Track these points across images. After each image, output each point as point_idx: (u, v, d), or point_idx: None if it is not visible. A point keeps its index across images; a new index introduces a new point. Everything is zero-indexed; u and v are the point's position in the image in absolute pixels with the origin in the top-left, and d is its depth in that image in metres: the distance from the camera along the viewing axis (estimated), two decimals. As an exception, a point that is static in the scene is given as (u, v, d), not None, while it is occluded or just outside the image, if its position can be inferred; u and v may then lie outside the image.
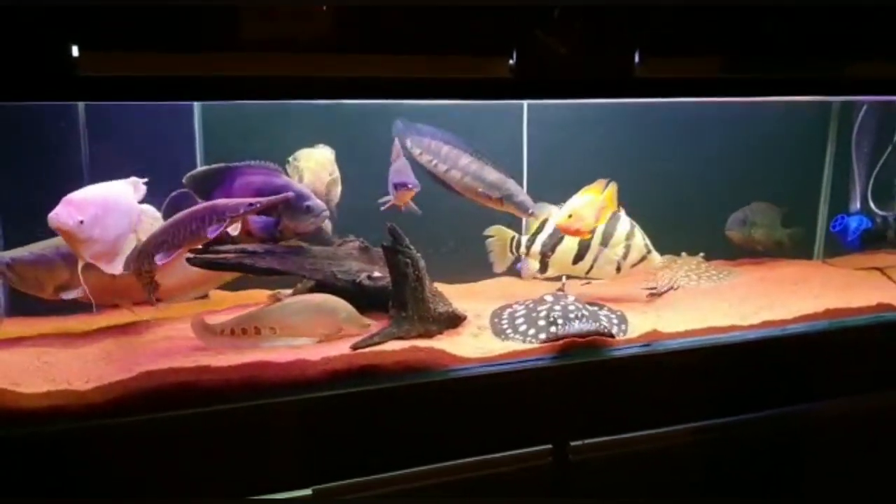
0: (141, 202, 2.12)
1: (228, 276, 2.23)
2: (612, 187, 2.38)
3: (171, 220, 2.01)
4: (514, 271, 2.69)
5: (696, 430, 2.24)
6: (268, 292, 2.34)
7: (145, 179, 2.10)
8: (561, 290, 2.53)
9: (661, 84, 2.08)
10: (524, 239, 2.58)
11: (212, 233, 2.00)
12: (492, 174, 2.44)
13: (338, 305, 2.03)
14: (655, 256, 2.57)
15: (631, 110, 2.70)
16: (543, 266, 2.59)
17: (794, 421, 2.38)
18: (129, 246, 2.06)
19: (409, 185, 2.33)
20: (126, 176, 2.08)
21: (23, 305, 2.13)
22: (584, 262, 2.55)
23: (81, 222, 1.92)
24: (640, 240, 2.55)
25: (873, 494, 2.55)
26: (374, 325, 2.06)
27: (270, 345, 2.01)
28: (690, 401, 2.23)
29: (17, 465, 1.68)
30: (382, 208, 2.35)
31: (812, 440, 2.42)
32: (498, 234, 2.59)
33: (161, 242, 1.98)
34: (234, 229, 2.01)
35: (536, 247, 2.58)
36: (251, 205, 2.04)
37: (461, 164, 2.40)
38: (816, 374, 2.37)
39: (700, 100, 2.20)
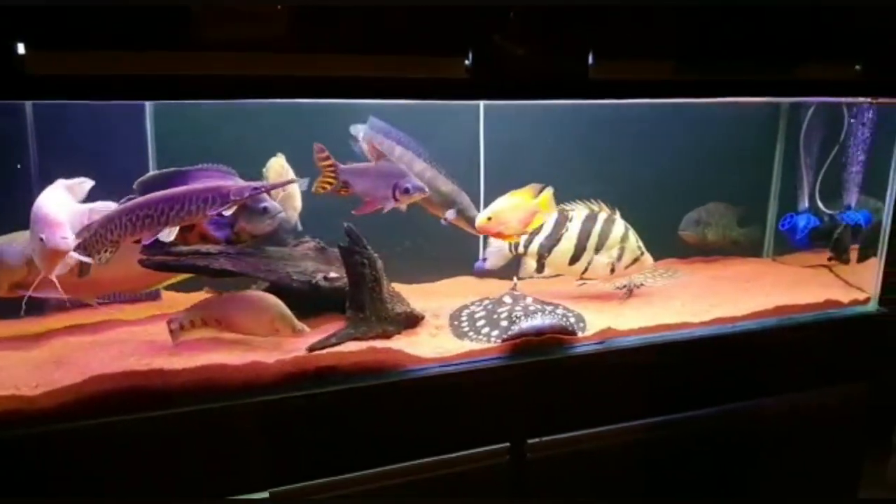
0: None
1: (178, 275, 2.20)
2: (548, 192, 2.38)
3: (161, 194, 1.95)
4: (470, 271, 2.70)
5: (652, 426, 2.28)
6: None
7: (81, 180, 2.05)
8: (514, 289, 2.55)
9: (615, 85, 2.10)
10: (522, 239, 2.59)
11: (214, 214, 1.97)
12: (446, 185, 2.42)
13: (269, 304, 1.99)
14: (648, 258, 2.62)
15: (587, 111, 2.72)
16: (540, 266, 2.62)
17: (746, 417, 2.44)
18: None
19: (424, 190, 2.30)
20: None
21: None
22: (579, 263, 2.59)
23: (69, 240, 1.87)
24: (634, 242, 2.59)
25: (820, 489, 2.62)
26: (311, 331, 2.03)
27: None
28: (645, 397, 2.27)
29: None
30: (354, 212, 2.28)
31: (762, 436, 2.48)
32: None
33: (147, 217, 1.93)
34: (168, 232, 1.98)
35: (534, 247, 2.60)
36: (256, 188, 2.00)
37: (415, 170, 2.38)
38: (767, 370, 2.43)
39: (653, 101, 2.23)
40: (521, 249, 2.61)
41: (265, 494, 1.88)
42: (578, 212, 2.61)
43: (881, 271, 2.55)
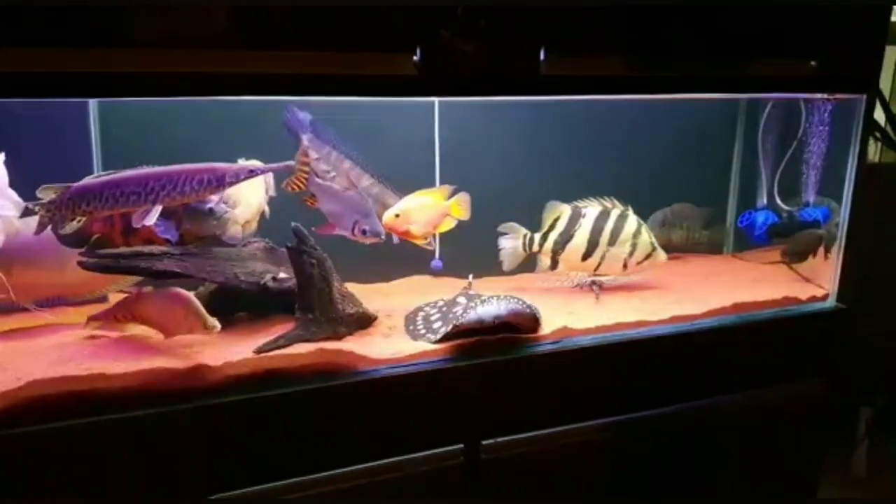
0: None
1: (128, 278, 2.15)
2: (461, 196, 2.40)
3: (154, 171, 1.92)
4: (426, 270, 2.67)
5: (608, 426, 2.26)
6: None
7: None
8: (468, 288, 2.52)
9: (567, 82, 2.08)
10: (537, 237, 2.60)
11: (210, 195, 1.99)
12: (392, 200, 2.41)
13: (183, 299, 1.96)
14: (660, 254, 2.63)
15: (542, 109, 2.70)
16: (554, 263, 2.63)
17: (706, 415, 2.42)
18: None
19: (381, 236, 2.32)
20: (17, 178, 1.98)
21: None
22: (592, 260, 2.60)
23: None
24: (647, 238, 2.61)
25: (781, 486, 2.62)
26: (220, 328, 1.99)
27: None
28: (602, 397, 2.25)
29: None
30: (315, 229, 2.25)
31: (722, 434, 2.47)
32: (511, 231, 2.61)
33: (133, 193, 1.90)
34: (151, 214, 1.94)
35: (548, 244, 2.61)
36: (251, 171, 2.00)
37: (362, 185, 2.37)
38: (726, 368, 2.42)
39: (607, 98, 2.21)
40: (535, 248, 2.62)
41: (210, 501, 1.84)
42: (591, 208, 2.62)
43: (839, 267, 2.55)
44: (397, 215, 2.30)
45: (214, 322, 1.95)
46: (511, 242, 2.61)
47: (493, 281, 2.70)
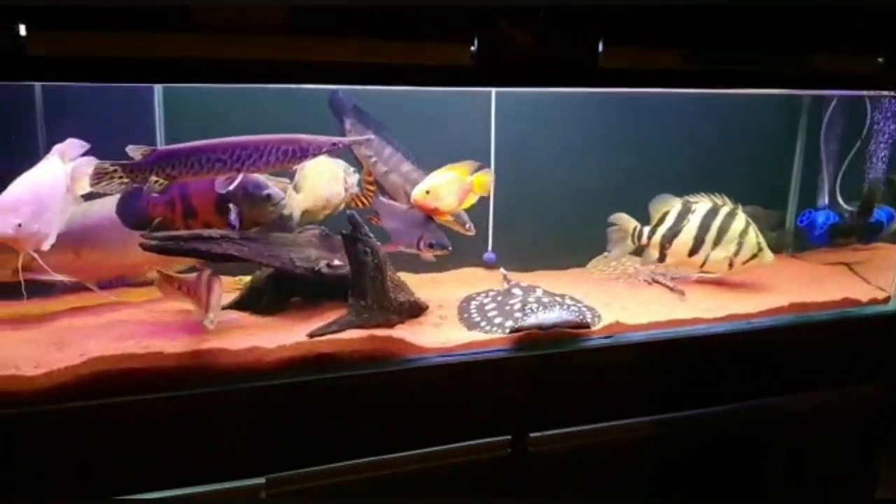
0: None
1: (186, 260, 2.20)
2: (486, 174, 2.38)
3: (239, 139, 1.98)
4: (479, 262, 2.68)
5: (659, 422, 2.24)
6: (230, 279, 2.31)
7: (78, 142, 2.05)
8: (506, 280, 2.53)
9: (626, 74, 2.07)
10: (646, 230, 2.61)
11: (292, 166, 2.06)
12: None
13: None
14: (767, 254, 2.59)
15: (597, 102, 2.69)
16: (662, 257, 2.63)
17: (757, 415, 2.38)
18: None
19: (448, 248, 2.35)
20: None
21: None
22: (698, 256, 2.59)
23: (20, 225, 1.88)
24: (754, 237, 2.58)
25: (834, 490, 2.56)
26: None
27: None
28: (653, 394, 2.23)
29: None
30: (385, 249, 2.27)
31: (774, 435, 2.42)
32: (621, 223, 2.63)
33: (218, 161, 1.96)
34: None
35: (657, 238, 2.61)
36: (334, 144, 2.05)
37: (403, 170, 2.40)
38: (780, 368, 2.37)
39: (665, 92, 2.19)
40: (643, 240, 2.62)
41: (262, 480, 1.87)
42: (701, 204, 2.61)
43: (902, 269, 2.49)
44: (427, 192, 2.29)
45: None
46: (620, 233, 2.63)
47: (550, 276, 2.70)
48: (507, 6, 1.87)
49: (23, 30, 1.56)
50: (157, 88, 2.29)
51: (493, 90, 2.53)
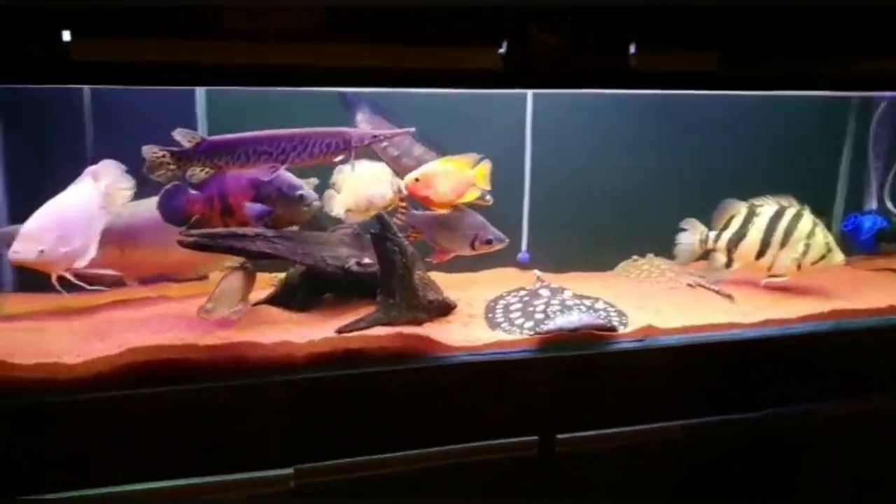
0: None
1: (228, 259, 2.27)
2: (484, 165, 2.35)
3: (285, 132, 2.07)
4: (514, 262, 2.69)
5: (689, 428, 2.22)
6: (266, 275, 2.38)
7: (113, 163, 2.14)
8: (541, 281, 2.52)
9: (659, 77, 2.06)
10: (712, 234, 2.63)
11: (335, 158, 2.11)
12: None
13: None
14: (837, 255, 2.57)
15: (642, 103, 2.67)
16: (729, 261, 2.64)
17: (791, 422, 2.33)
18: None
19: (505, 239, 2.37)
20: (127, 162, 2.13)
21: (31, 282, 2.18)
22: (765, 259, 2.59)
23: (42, 251, 1.97)
24: (822, 238, 2.56)
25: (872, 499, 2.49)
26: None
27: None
28: (684, 398, 2.21)
29: (4, 433, 1.76)
30: (427, 259, 2.36)
31: (807, 442, 2.37)
32: (692, 228, 2.64)
33: (264, 152, 2.04)
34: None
35: (722, 242, 2.63)
36: (375, 136, 2.13)
37: (415, 154, 2.42)
38: (818, 375, 2.32)
39: (700, 94, 2.17)
40: (709, 244, 2.63)
41: (290, 470, 1.93)
42: (767, 207, 2.60)
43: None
44: (417, 179, 2.28)
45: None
46: (689, 238, 2.63)
47: (586, 277, 2.70)
48: (537, 6, 1.89)
49: (67, 36, 1.64)
50: (200, 96, 2.38)
51: (529, 92, 2.54)
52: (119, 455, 1.81)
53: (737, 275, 2.64)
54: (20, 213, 2.06)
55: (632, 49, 1.98)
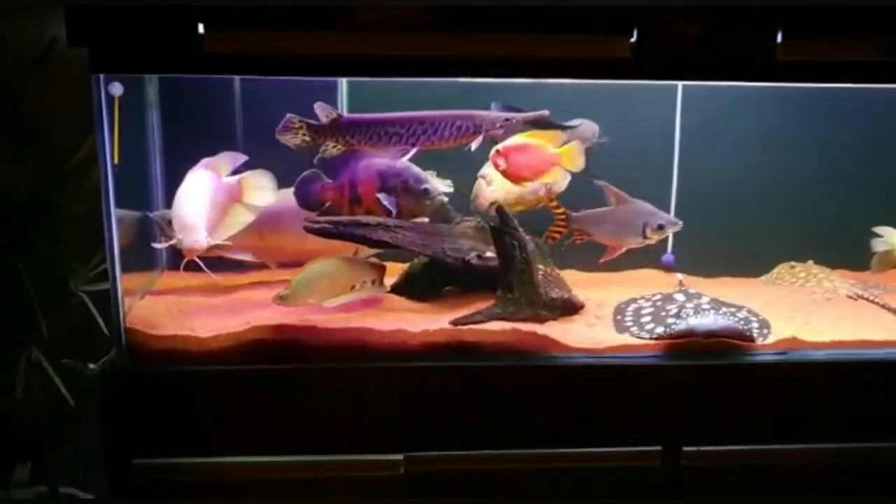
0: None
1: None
2: (573, 145, 2.20)
3: (416, 114, 2.12)
4: (658, 264, 2.57)
5: (829, 451, 2.02)
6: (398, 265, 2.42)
7: (232, 154, 2.20)
8: (681, 285, 2.37)
9: (809, 68, 1.90)
10: None
11: (466, 142, 2.12)
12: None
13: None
14: None
15: (799, 98, 2.45)
16: None
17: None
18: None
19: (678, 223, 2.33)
20: (272, 148, 2.23)
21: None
22: None
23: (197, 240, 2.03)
24: None
25: None
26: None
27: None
28: (826, 418, 2.01)
29: (143, 397, 1.92)
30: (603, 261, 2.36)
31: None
32: (886, 235, 2.48)
33: (395, 134, 2.11)
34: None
35: None
36: (507, 119, 2.14)
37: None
38: None
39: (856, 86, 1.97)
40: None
41: (399, 457, 1.96)
42: None
43: None
44: (498, 150, 2.18)
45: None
46: (884, 246, 2.44)
47: (735, 283, 2.55)
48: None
49: (201, 28, 1.76)
50: (343, 89, 2.46)
51: (680, 84, 2.41)
52: (234, 426, 1.93)
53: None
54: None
55: (778, 38, 1.84)
